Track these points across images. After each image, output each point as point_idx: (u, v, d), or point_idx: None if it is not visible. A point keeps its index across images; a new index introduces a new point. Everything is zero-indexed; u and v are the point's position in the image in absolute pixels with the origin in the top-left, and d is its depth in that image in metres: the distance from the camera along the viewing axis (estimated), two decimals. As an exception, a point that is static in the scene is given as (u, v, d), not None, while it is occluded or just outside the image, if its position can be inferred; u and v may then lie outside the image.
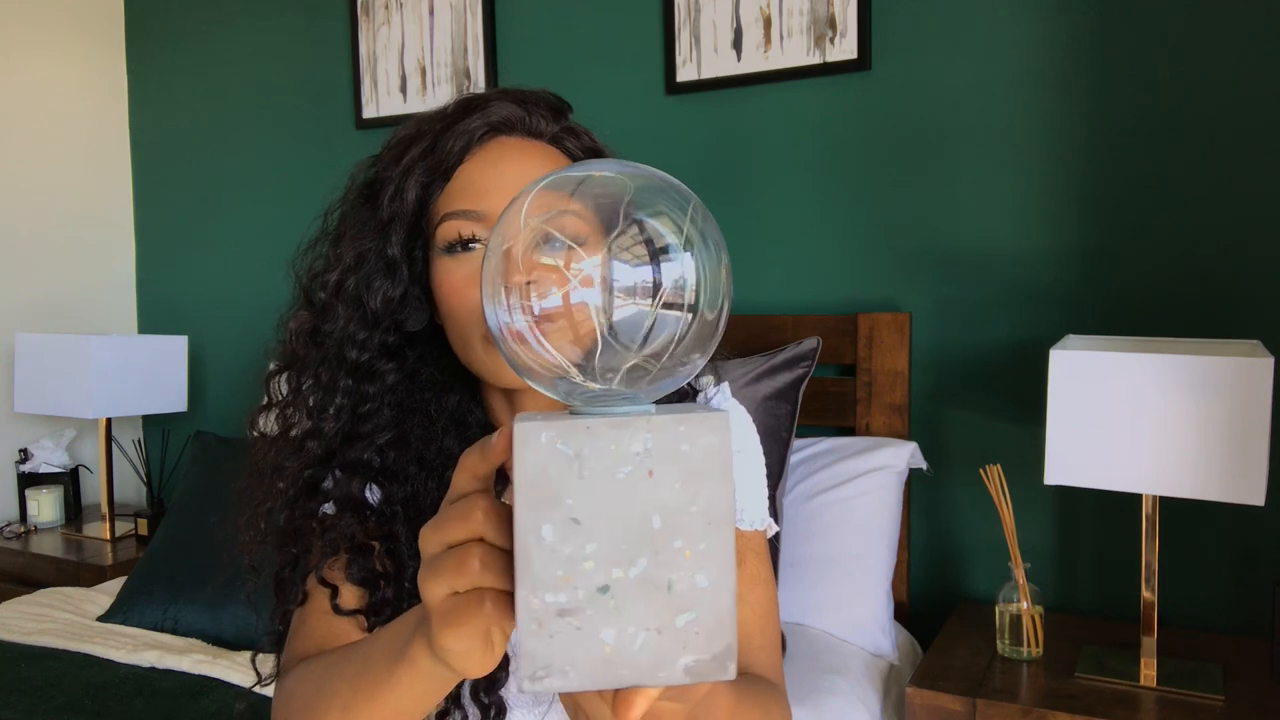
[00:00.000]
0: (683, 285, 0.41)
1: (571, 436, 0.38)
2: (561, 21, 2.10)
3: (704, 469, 0.38)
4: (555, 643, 0.38)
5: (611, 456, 0.38)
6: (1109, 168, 1.61)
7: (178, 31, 2.67)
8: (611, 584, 0.38)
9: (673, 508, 0.38)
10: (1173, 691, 1.29)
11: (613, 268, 0.41)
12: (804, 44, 1.82)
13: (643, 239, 0.41)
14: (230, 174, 2.60)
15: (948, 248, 1.74)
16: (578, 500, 0.38)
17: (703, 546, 0.38)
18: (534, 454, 0.38)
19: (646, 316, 0.41)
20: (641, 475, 0.38)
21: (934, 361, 1.75)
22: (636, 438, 0.38)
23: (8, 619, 1.76)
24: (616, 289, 0.41)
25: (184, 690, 1.46)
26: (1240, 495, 1.21)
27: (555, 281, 0.41)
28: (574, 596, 0.38)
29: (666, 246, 0.41)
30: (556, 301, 0.41)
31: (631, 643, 0.38)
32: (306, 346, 0.77)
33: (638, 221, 0.41)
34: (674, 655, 0.38)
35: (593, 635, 0.38)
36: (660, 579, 0.38)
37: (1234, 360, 1.21)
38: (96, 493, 2.64)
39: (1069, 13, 1.62)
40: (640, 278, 0.41)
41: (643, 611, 0.38)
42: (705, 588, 0.38)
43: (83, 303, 2.66)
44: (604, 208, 0.42)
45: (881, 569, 1.60)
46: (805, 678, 1.40)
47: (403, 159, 0.75)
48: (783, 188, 1.88)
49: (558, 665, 0.38)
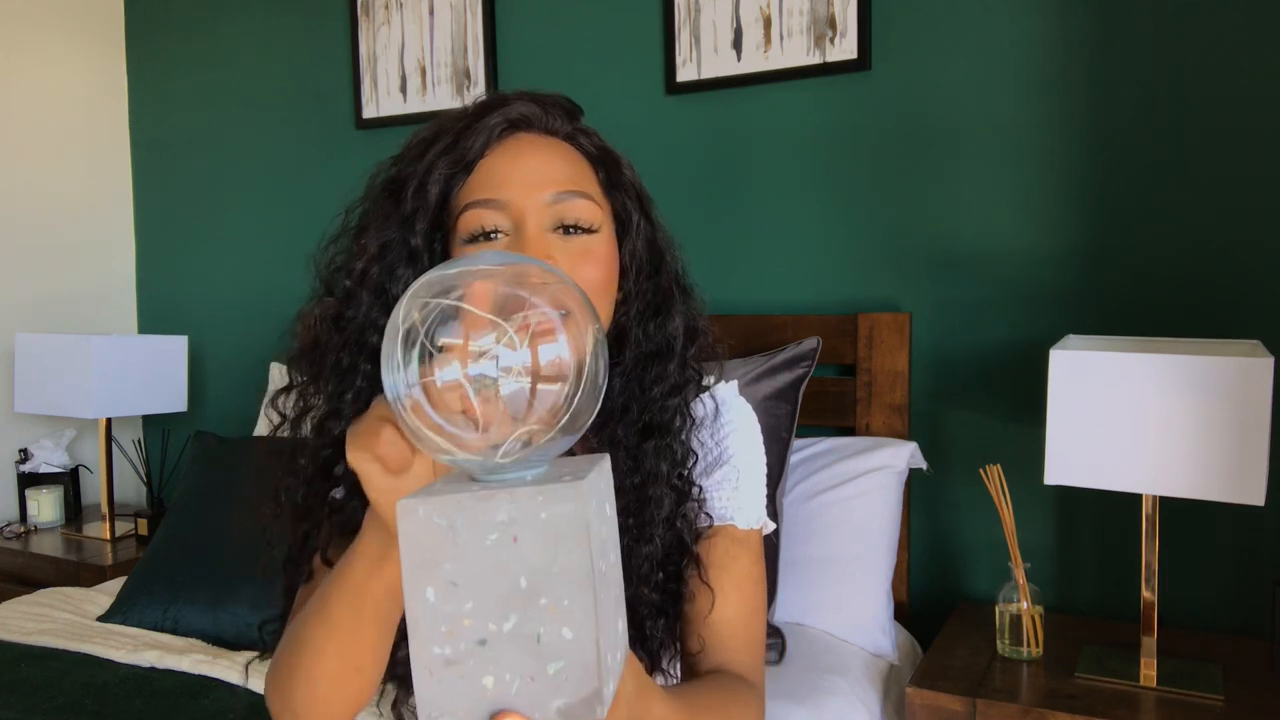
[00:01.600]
0: (562, 362, 0.46)
1: (444, 509, 0.43)
2: (561, 21, 2.10)
3: (562, 534, 0.43)
4: (444, 688, 0.43)
5: (480, 526, 0.43)
6: (1109, 167, 1.61)
7: (178, 31, 2.67)
8: (488, 637, 0.43)
9: (536, 569, 0.43)
10: (1173, 691, 1.29)
11: (501, 349, 0.46)
12: (804, 44, 1.82)
13: (527, 324, 0.46)
14: (230, 174, 2.60)
15: (948, 248, 1.74)
16: (454, 565, 0.43)
17: (566, 603, 0.43)
18: (414, 526, 0.43)
19: (528, 390, 0.46)
20: (507, 541, 0.43)
21: (934, 361, 1.75)
22: (501, 508, 0.43)
23: (8, 619, 1.76)
24: (504, 367, 0.46)
25: (184, 690, 1.46)
26: (1240, 495, 1.21)
27: (455, 357, 0.46)
28: (457, 649, 0.43)
29: (549, 328, 0.47)
30: (455, 375, 0.46)
31: (509, 688, 0.43)
32: (330, 332, 0.79)
33: (522, 309, 0.47)
34: (546, 699, 0.43)
35: (475, 681, 0.43)
36: (530, 632, 0.43)
37: (1234, 360, 1.21)
38: (96, 493, 2.64)
39: (1069, 13, 1.62)
40: (523, 358, 0.46)
41: (516, 661, 0.43)
42: (570, 639, 0.43)
43: (83, 303, 2.66)
44: (497, 296, 0.47)
45: (881, 569, 1.60)
46: (805, 678, 1.40)
47: (425, 156, 0.78)
48: (783, 187, 1.88)
49: (448, 708, 0.43)
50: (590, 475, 0.45)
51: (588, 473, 0.46)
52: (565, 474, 0.46)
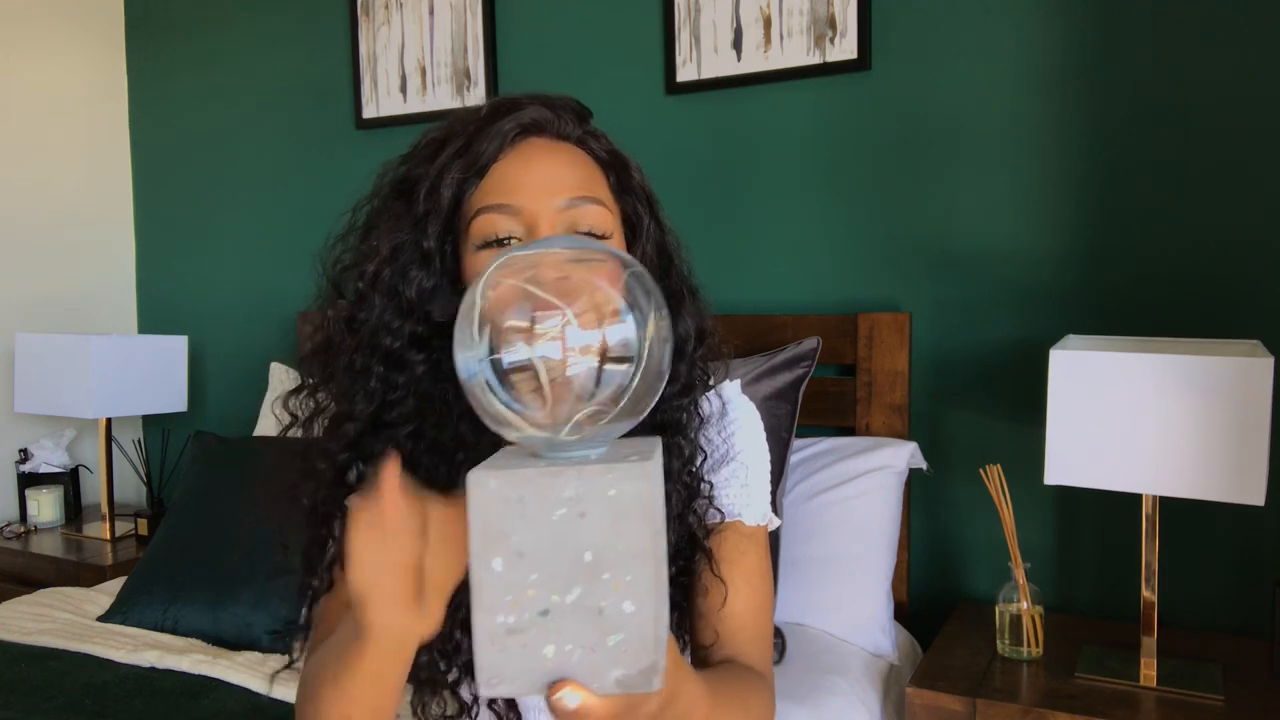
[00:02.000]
0: (628, 344, 0.48)
1: (515, 483, 0.44)
2: (561, 21, 2.10)
3: (629, 511, 0.44)
4: (505, 656, 0.45)
5: (549, 500, 0.44)
6: (1109, 167, 1.61)
7: (178, 31, 2.67)
8: (551, 608, 0.44)
9: (602, 545, 0.44)
10: (1173, 691, 1.29)
11: (569, 330, 0.47)
12: (804, 44, 1.82)
13: (593, 305, 0.48)
14: (230, 174, 2.60)
15: (948, 248, 1.74)
16: (521, 537, 0.44)
17: (629, 578, 0.44)
18: (484, 498, 0.45)
19: (595, 371, 0.47)
20: (574, 516, 0.44)
21: (934, 361, 1.75)
22: (569, 484, 0.44)
23: (8, 619, 1.76)
24: (571, 348, 0.47)
25: (184, 690, 1.46)
26: (1240, 495, 1.21)
27: (523, 338, 0.47)
28: (520, 618, 0.44)
29: (615, 311, 0.48)
30: (523, 356, 0.47)
31: (569, 658, 0.44)
32: (343, 333, 0.80)
33: (590, 292, 0.48)
34: (605, 670, 0.44)
35: (536, 651, 0.44)
36: (593, 605, 0.44)
37: (1234, 360, 1.21)
38: (96, 493, 2.64)
39: (1068, 13, 1.62)
40: (590, 339, 0.48)
41: (578, 632, 0.44)
42: (631, 613, 0.44)
43: (83, 303, 2.66)
44: (567, 279, 0.49)
45: (881, 569, 1.60)
46: (805, 678, 1.40)
47: (436, 158, 0.78)
48: (783, 188, 1.88)
49: (508, 675, 0.45)
50: (655, 456, 0.46)
51: (651, 453, 0.47)
52: (629, 453, 0.47)
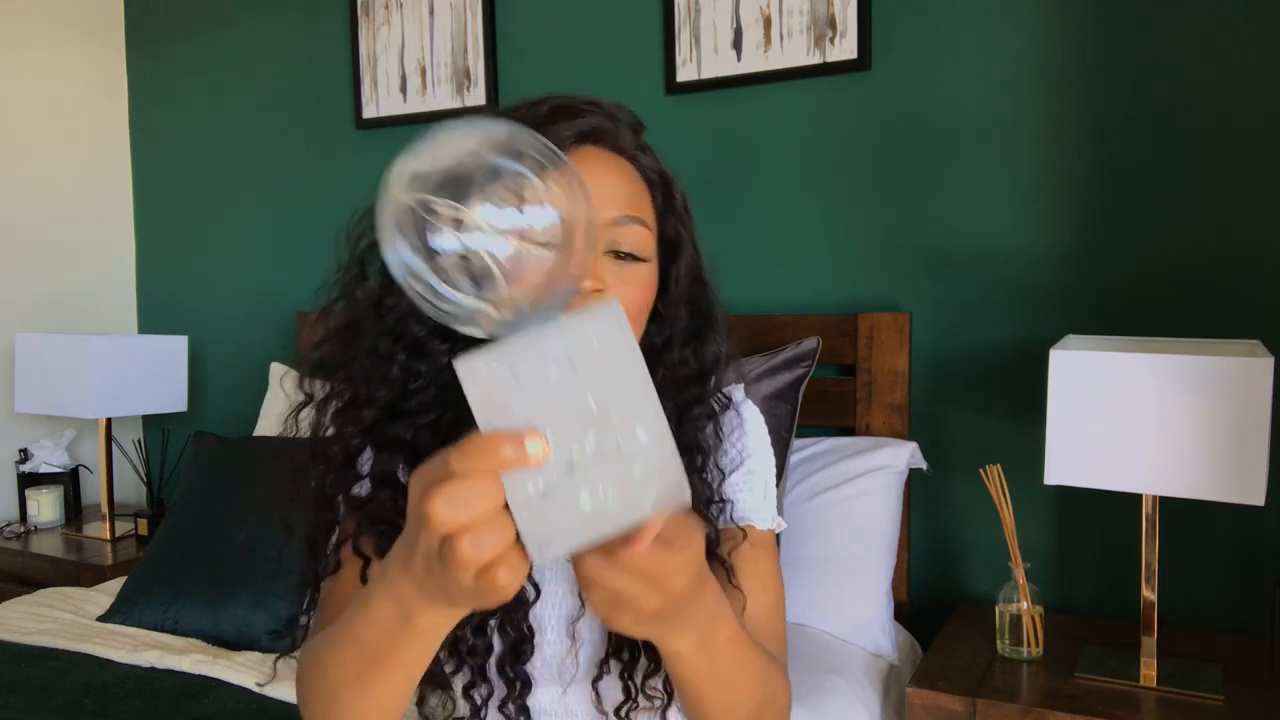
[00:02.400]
0: (553, 222, 0.48)
1: (502, 357, 0.46)
2: (561, 21, 2.10)
3: (615, 351, 0.46)
4: (546, 519, 0.46)
5: (539, 362, 0.46)
6: (1109, 167, 1.61)
7: (178, 31, 2.67)
8: (574, 461, 0.46)
9: (601, 388, 0.46)
10: (1173, 691, 1.29)
11: (494, 213, 0.48)
12: (804, 44, 1.82)
13: (517, 188, 0.48)
14: (230, 174, 2.60)
15: (948, 248, 1.74)
16: (524, 406, 0.46)
17: (634, 410, 0.46)
18: (478, 380, 0.46)
19: (525, 252, 0.48)
20: (568, 370, 0.46)
21: (934, 361, 1.75)
22: (553, 342, 0.46)
23: (8, 619, 1.76)
24: (498, 230, 0.48)
25: (184, 690, 1.46)
26: (1240, 495, 1.21)
27: (450, 225, 0.47)
28: (549, 480, 0.46)
29: (534, 194, 0.48)
30: (452, 244, 0.48)
31: (604, 500, 0.46)
32: (370, 316, 0.79)
33: (515, 173, 0.48)
34: (640, 498, 0.47)
35: (572, 504, 0.46)
36: (610, 445, 0.46)
37: (1234, 360, 1.21)
38: (96, 493, 2.64)
39: (1068, 13, 1.63)
40: (513, 221, 0.48)
41: (604, 473, 0.46)
42: (645, 440, 0.47)
43: (83, 303, 2.66)
44: (476, 163, 0.48)
45: (881, 569, 1.60)
46: (805, 678, 1.40)
47: None
48: (783, 188, 1.88)
49: (554, 536, 0.46)
50: (611, 299, 0.48)
51: (608, 298, 0.48)
52: (588, 304, 0.48)
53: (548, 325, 0.47)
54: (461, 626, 0.78)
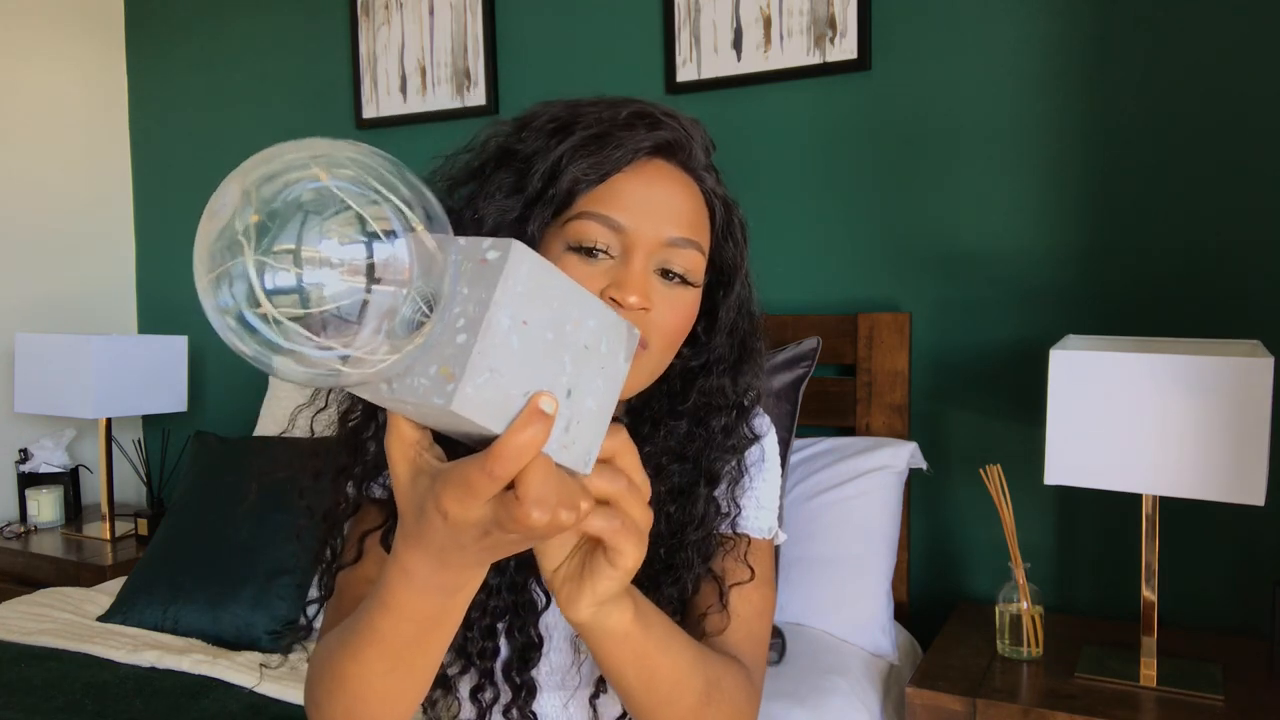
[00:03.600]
0: (394, 264, 0.45)
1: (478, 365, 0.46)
2: (561, 21, 2.10)
3: (541, 280, 0.49)
4: (575, 441, 0.51)
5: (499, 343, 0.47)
6: (1109, 167, 1.61)
7: (178, 31, 2.67)
8: (568, 385, 0.50)
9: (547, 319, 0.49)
10: (1173, 691, 1.29)
11: (333, 249, 0.44)
12: (804, 44, 1.82)
13: (355, 222, 0.46)
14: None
15: (948, 248, 1.74)
16: (513, 384, 0.48)
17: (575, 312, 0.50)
18: (476, 401, 0.47)
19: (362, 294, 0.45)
20: (521, 329, 0.48)
21: (934, 361, 1.75)
22: (501, 314, 0.47)
23: (8, 619, 1.76)
24: (338, 269, 0.44)
25: (184, 690, 1.46)
26: (1240, 495, 1.21)
27: (290, 267, 0.44)
28: (560, 414, 0.50)
29: (379, 231, 0.46)
30: (291, 282, 0.44)
31: (600, 389, 0.52)
32: None
33: (350, 208, 0.46)
34: (616, 366, 0.53)
35: (584, 415, 0.51)
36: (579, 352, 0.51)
37: (1234, 360, 1.21)
38: (96, 493, 2.64)
39: (1068, 13, 1.63)
40: (354, 256, 0.45)
41: (590, 373, 0.51)
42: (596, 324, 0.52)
43: (83, 303, 2.66)
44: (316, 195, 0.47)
45: (881, 569, 1.60)
46: (805, 678, 1.40)
47: (557, 142, 0.75)
48: (783, 188, 1.88)
49: (588, 446, 0.51)
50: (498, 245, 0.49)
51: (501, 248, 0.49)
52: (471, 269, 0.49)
53: (480, 309, 0.47)
54: (470, 628, 0.78)
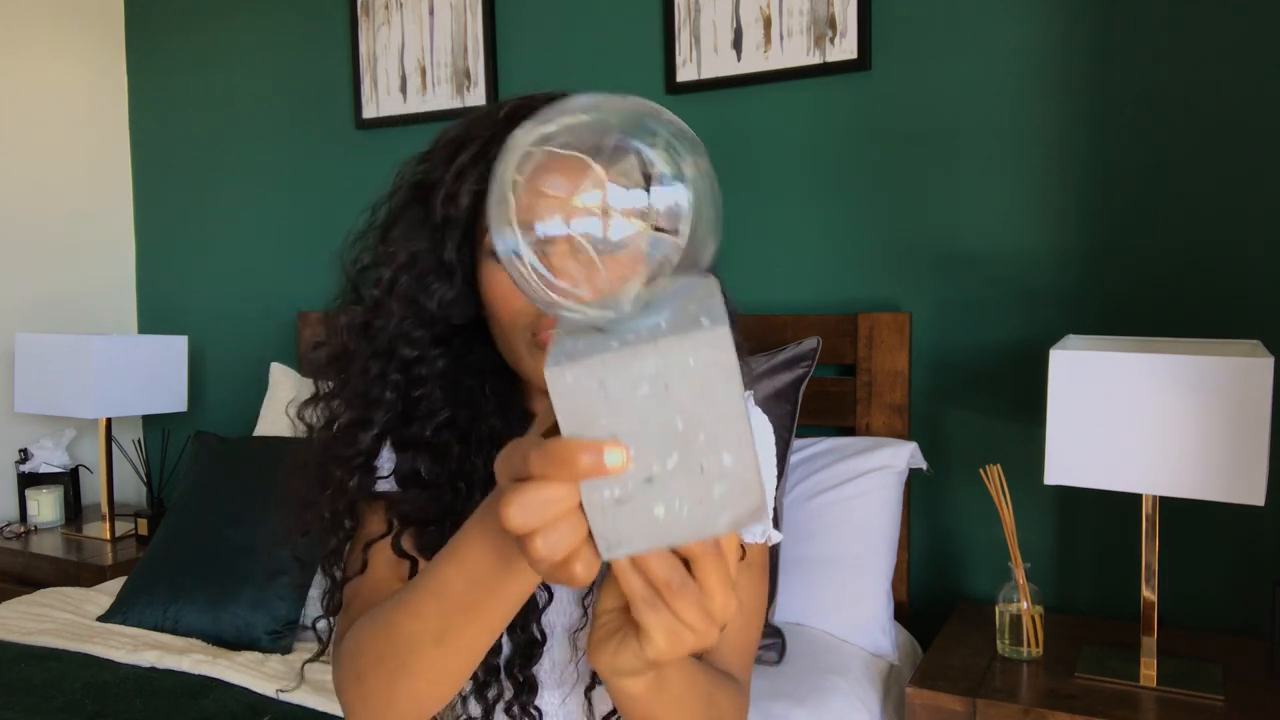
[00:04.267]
0: (676, 211, 0.45)
1: (592, 370, 0.44)
2: (561, 21, 2.10)
3: (711, 376, 0.44)
4: (619, 522, 0.46)
5: (630, 380, 0.44)
6: (1109, 167, 1.61)
7: (178, 31, 2.67)
8: (654, 475, 0.45)
9: (691, 411, 0.44)
10: (1173, 691, 1.29)
11: (610, 194, 0.45)
12: (804, 44, 1.82)
13: (639, 167, 0.45)
14: (230, 174, 2.60)
15: (948, 248, 1.74)
16: (610, 419, 0.44)
17: (723, 434, 0.45)
18: (565, 390, 0.44)
19: (642, 238, 0.45)
20: (659, 390, 0.44)
21: (934, 361, 1.75)
22: (648, 362, 0.44)
23: (8, 619, 1.76)
24: (615, 213, 0.45)
25: (184, 690, 1.46)
26: (1240, 495, 1.21)
27: (557, 209, 0.45)
28: (625, 489, 0.45)
29: (661, 175, 0.45)
30: (560, 228, 0.46)
31: (679, 513, 0.45)
32: (358, 340, 0.79)
33: (634, 150, 0.46)
34: (716, 515, 0.46)
35: (647, 513, 0.45)
36: (693, 465, 0.45)
37: (1234, 360, 1.21)
38: (96, 493, 2.64)
39: (1068, 13, 1.62)
40: (636, 202, 0.45)
41: (683, 489, 0.45)
42: (730, 464, 0.45)
43: (83, 303, 2.66)
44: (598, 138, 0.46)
45: (881, 569, 1.60)
46: (805, 678, 1.40)
47: (454, 161, 0.77)
48: (783, 188, 1.88)
49: (624, 538, 0.46)
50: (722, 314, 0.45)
51: (719, 312, 0.45)
52: (697, 313, 0.46)
53: (647, 333, 0.45)
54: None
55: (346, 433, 0.78)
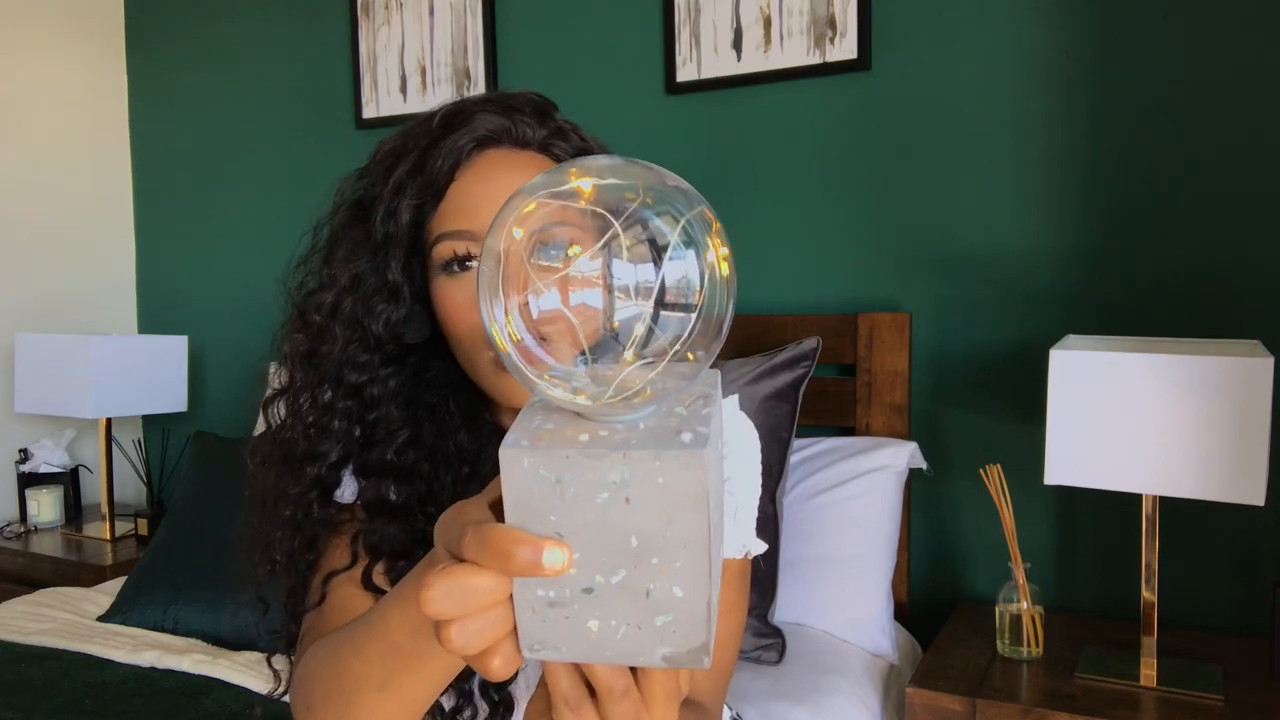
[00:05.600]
0: (685, 285, 0.41)
1: (552, 463, 0.40)
2: (561, 21, 2.10)
3: (679, 501, 0.40)
4: (547, 626, 0.41)
5: (590, 483, 0.40)
6: (1109, 167, 1.61)
7: (178, 31, 2.67)
8: (595, 587, 0.41)
9: (649, 531, 0.40)
10: (1173, 691, 1.29)
11: (612, 267, 0.41)
12: (804, 44, 1.82)
13: (644, 238, 0.41)
14: (230, 174, 2.60)
15: (948, 248, 1.74)
16: (560, 517, 0.40)
17: (678, 564, 0.40)
18: (518, 477, 0.40)
19: (646, 316, 0.41)
20: (619, 501, 0.40)
21: (934, 361, 1.75)
22: (613, 469, 0.40)
23: (8, 619, 1.76)
24: (616, 289, 0.41)
25: (184, 690, 1.46)
26: (1240, 495, 1.21)
27: (553, 284, 0.41)
28: (561, 593, 0.41)
29: (667, 245, 0.41)
30: (555, 304, 0.41)
31: (614, 632, 0.41)
32: (304, 369, 0.77)
33: (639, 220, 0.41)
34: (652, 646, 0.42)
35: (579, 623, 0.41)
36: (639, 587, 0.41)
37: (1234, 360, 1.21)
38: (96, 493, 2.64)
39: (1069, 12, 1.63)
40: (641, 277, 0.41)
41: (623, 610, 0.41)
42: (681, 597, 0.41)
43: (83, 303, 2.66)
44: (602, 204, 0.41)
45: (881, 569, 1.60)
46: (805, 678, 1.40)
47: (391, 176, 0.74)
48: (783, 188, 1.88)
49: (550, 643, 0.42)
50: (710, 431, 0.41)
51: (706, 428, 0.41)
52: (680, 425, 0.41)
53: (621, 433, 0.41)
54: None
55: (297, 467, 0.75)
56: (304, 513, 0.76)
